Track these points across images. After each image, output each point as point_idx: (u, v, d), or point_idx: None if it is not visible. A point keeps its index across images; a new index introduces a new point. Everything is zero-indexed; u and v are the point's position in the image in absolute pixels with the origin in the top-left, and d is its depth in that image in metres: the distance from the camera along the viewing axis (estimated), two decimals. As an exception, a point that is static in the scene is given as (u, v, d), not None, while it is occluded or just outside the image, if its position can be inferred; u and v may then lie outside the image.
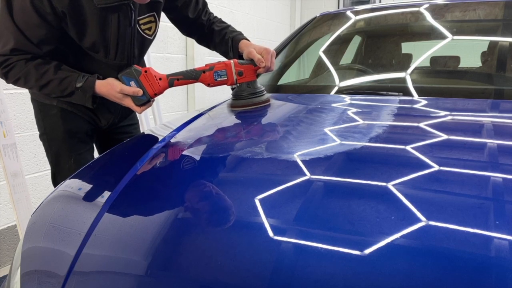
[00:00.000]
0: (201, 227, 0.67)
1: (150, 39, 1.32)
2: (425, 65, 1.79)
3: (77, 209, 0.81)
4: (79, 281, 0.62)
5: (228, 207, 0.70)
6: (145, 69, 1.19)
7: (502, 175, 0.70)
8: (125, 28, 1.19)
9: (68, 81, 1.14)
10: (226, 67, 1.23)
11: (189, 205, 0.73)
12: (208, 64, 1.23)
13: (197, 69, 1.23)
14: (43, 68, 1.13)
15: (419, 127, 0.95)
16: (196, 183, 0.80)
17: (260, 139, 1.00)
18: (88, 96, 1.17)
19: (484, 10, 1.64)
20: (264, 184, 0.74)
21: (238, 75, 1.24)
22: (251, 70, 1.26)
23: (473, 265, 0.50)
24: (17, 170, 1.79)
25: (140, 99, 1.19)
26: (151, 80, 1.19)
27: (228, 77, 1.24)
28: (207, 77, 1.22)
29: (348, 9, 1.92)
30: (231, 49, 1.37)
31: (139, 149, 1.04)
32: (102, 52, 1.20)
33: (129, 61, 1.27)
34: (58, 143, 1.31)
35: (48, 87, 1.15)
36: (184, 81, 1.23)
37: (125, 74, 1.18)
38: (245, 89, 1.27)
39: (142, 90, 1.18)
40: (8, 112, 1.78)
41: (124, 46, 1.23)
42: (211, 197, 0.74)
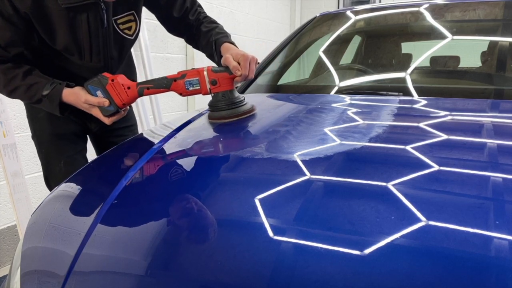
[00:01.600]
0: (201, 227, 0.67)
1: (131, 39, 1.27)
2: (425, 65, 1.79)
3: (77, 209, 0.81)
4: (79, 281, 0.62)
5: (228, 207, 0.70)
6: (112, 78, 1.11)
7: (502, 175, 0.70)
8: (97, 29, 1.14)
9: (36, 88, 1.10)
10: (198, 75, 1.11)
11: (189, 205, 0.73)
12: (180, 72, 1.12)
13: (168, 77, 1.12)
14: (12, 73, 1.09)
15: (419, 127, 0.95)
16: (196, 183, 0.80)
17: (261, 137, 1.00)
18: (55, 104, 1.11)
19: (484, 10, 1.64)
20: (264, 184, 0.74)
21: (212, 84, 1.11)
22: (227, 78, 1.12)
23: (473, 265, 0.50)
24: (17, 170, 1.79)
25: (107, 109, 1.12)
26: (118, 90, 1.11)
27: (201, 86, 1.11)
28: (178, 85, 1.11)
29: (348, 9, 1.92)
30: (216, 52, 1.27)
31: (139, 149, 1.04)
32: (76, 54, 1.15)
33: (107, 63, 1.22)
34: (46, 145, 1.30)
35: (16, 93, 1.11)
36: (155, 90, 1.13)
37: (91, 83, 1.11)
38: (220, 99, 1.13)
39: (109, 100, 1.11)
40: (8, 112, 1.78)
41: (98, 47, 1.17)
42: (211, 197, 0.74)
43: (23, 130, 2.16)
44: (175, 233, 0.66)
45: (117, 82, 1.11)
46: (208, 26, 1.33)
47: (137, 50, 2.90)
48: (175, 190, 0.79)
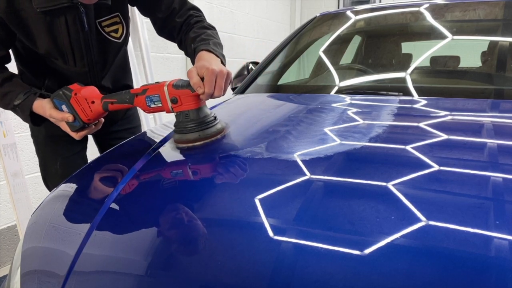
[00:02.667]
0: (201, 227, 0.66)
1: (119, 42, 1.21)
2: (425, 65, 1.79)
3: (77, 209, 0.81)
4: (79, 281, 0.62)
5: (229, 207, 0.70)
6: (76, 91, 1.04)
7: (502, 175, 0.70)
8: (77, 32, 1.10)
9: (10, 97, 1.07)
10: (159, 91, 0.96)
11: (189, 205, 0.73)
12: (143, 86, 1.00)
13: (131, 91, 1.01)
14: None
15: (419, 127, 0.95)
16: (196, 183, 0.80)
17: (261, 136, 1.00)
18: (26, 114, 1.08)
19: (484, 10, 1.64)
20: (264, 184, 0.74)
21: (172, 102, 0.95)
22: (189, 96, 0.95)
23: (473, 265, 0.50)
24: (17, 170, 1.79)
25: (73, 125, 1.06)
26: (82, 104, 1.04)
27: (163, 104, 0.97)
28: (140, 101, 0.99)
29: (348, 9, 1.92)
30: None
31: (139, 149, 1.04)
32: (60, 59, 1.12)
33: (91, 68, 1.17)
34: (43, 147, 1.29)
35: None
36: (118, 105, 1.03)
37: (55, 97, 1.06)
38: (183, 120, 0.97)
39: (74, 115, 1.05)
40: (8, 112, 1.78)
41: (81, 52, 1.13)
42: (211, 197, 0.74)
43: (23, 130, 2.16)
44: (175, 233, 0.66)
45: (80, 96, 1.03)
46: (197, 31, 1.18)
47: (137, 50, 2.90)
48: (176, 190, 0.79)
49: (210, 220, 0.67)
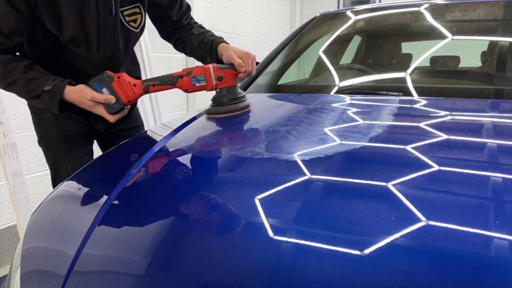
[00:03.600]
0: (201, 227, 0.66)
1: (136, 31, 1.27)
2: (425, 65, 1.79)
3: (77, 209, 0.81)
4: (79, 281, 0.62)
5: (228, 207, 0.70)
6: (118, 75, 1.12)
7: (502, 175, 0.70)
8: (105, 16, 1.13)
9: (37, 83, 1.08)
10: (204, 71, 1.15)
11: (189, 205, 0.73)
12: (185, 69, 1.16)
13: (174, 74, 1.16)
14: (13, 65, 1.07)
15: (419, 127, 0.95)
16: (196, 183, 0.80)
17: (261, 136, 1.00)
18: (55, 101, 1.09)
19: (484, 10, 1.64)
20: (264, 184, 0.74)
21: (218, 80, 1.17)
22: (231, 74, 1.18)
23: (473, 265, 0.50)
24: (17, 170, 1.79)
25: (113, 107, 1.13)
26: (124, 87, 1.12)
27: (207, 82, 1.17)
28: (184, 82, 1.15)
29: (348, 9, 1.92)
30: (210, 53, 1.31)
31: (139, 149, 1.04)
32: (83, 45, 1.14)
33: (114, 54, 1.21)
34: (54, 148, 1.28)
35: (14, 86, 1.08)
36: (160, 87, 1.16)
37: (96, 81, 1.11)
38: (225, 94, 1.19)
39: (115, 97, 1.12)
40: (8, 112, 1.78)
41: (106, 36, 1.16)
42: (210, 197, 0.74)
43: (23, 130, 2.16)
44: (175, 233, 0.66)
45: (123, 79, 1.12)
46: (200, 30, 1.38)
47: (137, 50, 2.89)
48: (175, 191, 0.79)
49: (210, 220, 0.67)
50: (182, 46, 1.41)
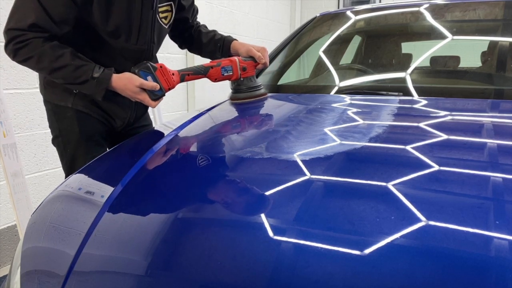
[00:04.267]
0: (201, 227, 0.66)
1: (166, 28, 1.35)
2: (425, 65, 1.79)
3: (77, 209, 0.81)
4: (79, 281, 0.62)
5: (228, 207, 0.70)
6: (160, 65, 1.23)
7: (502, 175, 0.70)
8: (148, 10, 1.21)
9: (85, 69, 1.12)
10: (231, 63, 1.33)
11: (189, 205, 0.73)
12: (214, 61, 1.34)
13: (205, 65, 1.30)
14: (59, 51, 1.10)
15: (419, 127, 0.95)
16: (196, 183, 0.80)
17: (262, 136, 1.00)
18: (102, 88, 1.15)
19: (484, 10, 1.64)
20: (264, 184, 0.74)
21: (242, 70, 1.35)
22: (252, 66, 1.38)
23: (473, 265, 0.50)
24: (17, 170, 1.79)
25: (155, 93, 1.22)
26: (166, 75, 1.23)
27: (234, 72, 1.34)
28: (214, 72, 1.31)
29: (348, 9, 1.92)
30: (220, 49, 1.45)
31: (139, 149, 1.04)
32: (124, 36, 1.20)
33: (149, 47, 1.28)
34: (74, 146, 1.29)
35: (60, 72, 1.11)
36: (194, 76, 1.30)
37: (142, 69, 1.20)
38: (246, 83, 1.37)
39: (159, 85, 1.22)
40: (8, 112, 1.78)
41: (146, 29, 1.24)
42: (210, 197, 0.74)
43: (23, 130, 2.16)
44: (175, 233, 0.66)
45: (164, 68, 1.23)
46: (206, 29, 1.52)
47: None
48: (175, 191, 0.79)
49: (210, 220, 0.67)
50: (188, 44, 1.53)
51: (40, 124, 2.22)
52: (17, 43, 1.08)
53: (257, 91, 1.40)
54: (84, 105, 1.26)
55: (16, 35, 1.07)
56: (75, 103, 1.25)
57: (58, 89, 1.25)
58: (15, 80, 2.09)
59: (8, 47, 1.10)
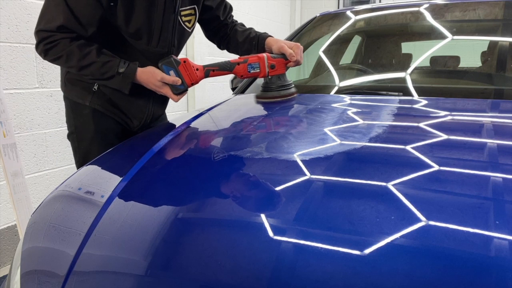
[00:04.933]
0: (201, 227, 0.66)
1: (189, 31, 1.35)
2: (425, 65, 1.79)
3: (77, 209, 0.81)
4: (79, 281, 0.62)
5: (228, 207, 0.70)
6: (184, 59, 1.22)
7: (502, 175, 0.70)
8: (170, 14, 1.22)
9: (110, 65, 1.16)
10: (259, 60, 1.28)
11: (189, 205, 0.73)
12: (241, 57, 1.29)
13: (232, 61, 1.27)
14: (86, 49, 1.14)
15: (419, 127, 0.95)
16: (196, 183, 0.80)
17: (262, 136, 1.00)
18: (128, 82, 1.18)
19: (484, 10, 1.64)
20: (264, 184, 0.74)
21: (270, 68, 1.29)
22: (282, 63, 1.31)
23: (473, 265, 0.50)
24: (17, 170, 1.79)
25: (178, 88, 1.22)
26: (189, 70, 1.22)
27: (261, 70, 1.29)
28: (240, 69, 1.27)
29: (348, 9, 1.92)
30: (256, 47, 1.41)
31: (140, 149, 1.04)
32: (145, 38, 1.21)
33: (169, 50, 1.29)
34: (88, 143, 1.31)
35: (88, 69, 1.16)
36: (219, 72, 1.27)
37: (165, 63, 1.20)
38: (275, 81, 1.32)
39: (181, 79, 1.22)
40: (8, 112, 1.78)
41: (167, 33, 1.25)
42: (210, 197, 0.74)
43: (23, 130, 2.16)
44: (175, 233, 0.66)
45: (188, 63, 1.22)
46: (243, 27, 1.50)
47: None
48: (175, 191, 0.79)
49: (210, 220, 0.67)
50: (225, 44, 1.51)
51: (40, 124, 2.22)
52: (47, 43, 1.13)
53: (287, 90, 1.33)
54: (101, 104, 1.27)
55: (46, 36, 1.12)
56: (92, 101, 1.26)
57: (77, 87, 1.27)
58: (15, 80, 2.09)
59: (39, 47, 1.15)
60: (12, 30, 2.05)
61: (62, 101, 1.34)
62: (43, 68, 2.21)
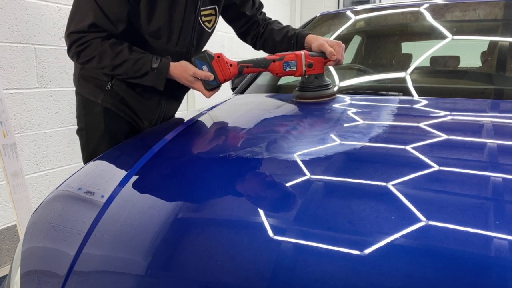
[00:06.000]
0: (201, 227, 0.67)
1: (209, 32, 1.34)
2: (425, 65, 1.79)
3: (77, 209, 0.81)
4: (79, 281, 0.62)
5: (228, 207, 0.70)
6: (218, 55, 1.19)
7: (502, 175, 0.70)
8: (190, 14, 1.21)
9: (143, 61, 1.14)
10: (296, 57, 1.22)
11: (189, 205, 0.73)
12: (278, 54, 1.24)
13: (267, 58, 1.23)
14: (118, 48, 1.13)
15: (419, 127, 0.95)
16: (196, 184, 0.80)
17: (262, 136, 1.00)
18: (162, 77, 1.17)
19: (484, 10, 1.64)
20: (265, 184, 0.74)
21: (308, 66, 1.23)
22: (321, 62, 1.25)
23: (473, 265, 0.50)
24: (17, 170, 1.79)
25: (210, 83, 1.20)
26: (222, 66, 1.19)
27: (297, 68, 1.23)
28: (276, 66, 1.22)
29: (348, 9, 1.92)
30: (295, 46, 1.36)
31: (140, 149, 1.04)
32: (164, 37, 1.20)
33: (188, 50, 1.28)
34: (96, 141, 1.30)
35: (122, 67, 1.14)
36: (254, 69, 1.24)
37: (198, 58, 1.18)
38: (313, 81, 1.25)
39: (214, 75, 1.19)
40: (8, 112, 1.78)
41: (186, 33, 1.23)
42: (210, 197, 0.74)
43: (23, 130, 2.16)
44: (175, 233, 0.66)
45: (222, 58, 1.19)
46: (279, 25, 1.43)
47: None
48: (175, 191, 0.79)
49: (210, 220, 0.67)
50: (261, 43, 1.45)
51: (40, 124, 2.22)
52: (79, 45, 1.12)
53: (325, 91, 1.26)
54: (113, 103, 1.27)
55: (77, 38, 1.11)
56: (104, 100, 1.26)
57: (91, 84, 1.27)
58: (15, 80, 2.09)
59: (71, 50, 1.14)
60: (12, 30, 2.05)
61: (62, 101, 1.34)
62: (43, 68, 2.21)
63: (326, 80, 1.28)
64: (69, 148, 2.41)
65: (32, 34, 2.14)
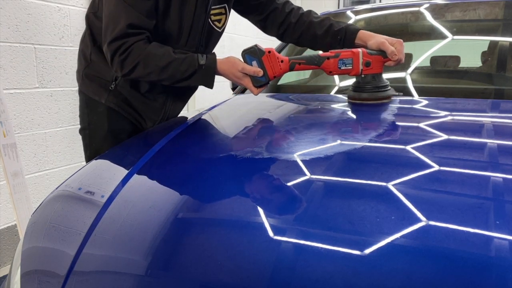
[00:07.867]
0: (201, 227, 0.67)
1: (219, 31, 1.30)
2: (425, 65, 1.79)
3: (77, 209, 0.81)
4: (79, 281, 0.62)
5: (228, 207, 0.70)
6: (269, 50, 1.14)
7: (502, 175, 0.70)
8: (200, 14, 1.19)
9: (189, 60, 1.11)
10: (353, 55, 1.15)
11: (189, 205, 0.73)
12: (333, 51, 1.17)
13: (321, 55, 1.16)
14: (161, 50, 1.10)
15: (419, 127, 0.95)
16: (196, 183, 0.80)
17: (262, 136, 1.00)
18: (211, 74, 1.13)
19: (484, 10, 1.64)
20: (265, 184, 0.74)
21: (365, 65, 1.15)
22: (379, 61, 1.16)
23: (473, 265, 0.50)
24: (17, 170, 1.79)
25: (259, 80, 1.15)
26: (273, 62, 1.14)
27: (353, 67, 1.15)
28: (330, 64, 1.15)
29: (348, 9, 1.92)
30: (341, 42, 1.27)
31: (140, 149, 1.04)
32: (174, 37, 1.18)
33: (197, 50, 1.24)
34: (99, 141, 1.29)
35: (168, 69, 1.11)
36: (306, 66, 1.18)
37: (248, 53, 1.14)
38: (370, 81, 1.17)
39: (263, 71, 1.14)
40: (8, 112, 1.78)
41: (195, 33, 1.21)
42: (211, 197, 0.74)
43: (23, 130, 2.16)
44: (175, 233, 0.66)
45: (273, 54, 1.13)
46: (317, 17, 1.33)
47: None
48: (175, 191, 0.79)
49: (210, 220, 0.67)
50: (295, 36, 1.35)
51: (40, 124, 2.23)
52: (121, 53, 1.09)
53: (383, 92, 1.17)
54: (116, 103, 1.25)
55: (118, 46, 1.08)
56: (108, 100, 1.25)
57: (95, 83, 1.25)
58: (15, 80, 2.09)
59: (114, 60, 1.10)
60: (12, 30, 2.05)
61: (62, 101, 1.34)
62: (43, 68, 2.21)
63: (385, 81, 1.19)
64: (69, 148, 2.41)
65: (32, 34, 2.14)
